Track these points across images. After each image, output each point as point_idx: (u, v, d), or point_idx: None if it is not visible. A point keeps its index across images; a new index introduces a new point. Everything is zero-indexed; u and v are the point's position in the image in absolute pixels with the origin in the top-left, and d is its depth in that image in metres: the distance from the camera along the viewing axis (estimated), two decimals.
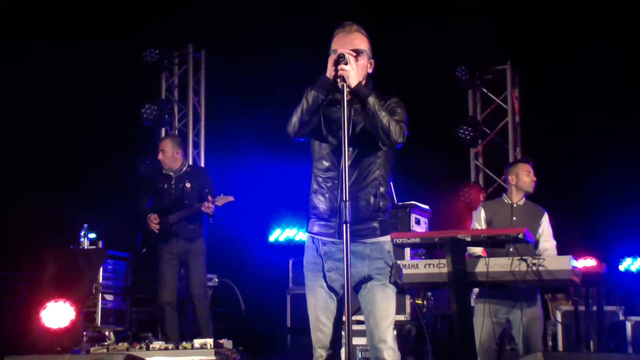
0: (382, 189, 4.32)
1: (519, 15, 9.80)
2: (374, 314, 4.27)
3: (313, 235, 4.39)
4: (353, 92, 4.14)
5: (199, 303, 8.21)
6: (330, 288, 4.33)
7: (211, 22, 10.53)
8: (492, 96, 10.60)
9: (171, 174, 8.40)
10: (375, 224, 4.31)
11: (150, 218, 8.25)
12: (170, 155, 8.37)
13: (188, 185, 8.28)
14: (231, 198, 8.09)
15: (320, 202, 4.34)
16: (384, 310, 4.28)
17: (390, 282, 4.28)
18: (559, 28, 9.81)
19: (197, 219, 8.26)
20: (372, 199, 4.28)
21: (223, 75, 10.90)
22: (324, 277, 4.33)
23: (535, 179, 6.86)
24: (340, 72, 4.10)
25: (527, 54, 10.06)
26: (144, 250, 8.51)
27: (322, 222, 4.34)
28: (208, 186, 8.31)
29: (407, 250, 7.46)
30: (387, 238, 4.37)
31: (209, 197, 8.04)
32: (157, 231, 8.22)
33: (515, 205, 6.79)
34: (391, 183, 4.49)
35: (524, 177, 6.83)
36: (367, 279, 4.29)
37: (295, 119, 4.23)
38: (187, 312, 8.79)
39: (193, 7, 10.49)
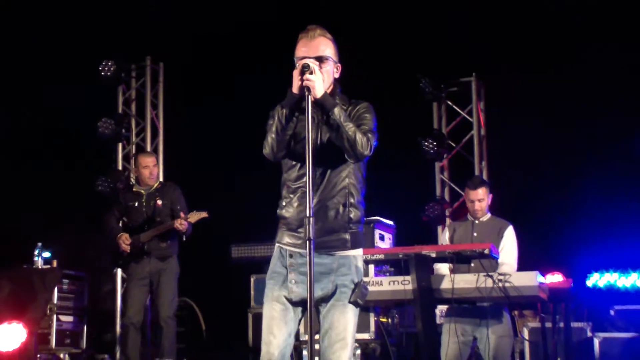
0: (352, 199, 4.14)
1: (483, 27, 9.73)
2: (330, 335, 4.08)
3: (281, 246, 4.21)
4: (318, 103, 3.98)
5: (166, 326, 7.97)
6: (290, 301, 4.13)
7: (170, 34, 10.35)
8: (458, 109, 10.50)
9: (142, 191, 8.22)
10: (346, 236, 4.12)
11: (122, 238, 8.04)
12: (154, 172, 8.28)
13: (159, 202, 8.11)
14: (204, 214, 7.90)
15: (289, 212, 4.18)
16: (339, 333, 4.06)
17: (349, 302, 4.08)
18: (525, 40, 9.76)
19: (170, 237, 8.06)
20: (341, 209, 4.10)
21: (182, 88, 10.69)
22: (286, 289, 4.14)
23: (481, 206, 6.66)
24: (305, 83, 3.94)
25: (493, 66, 9.98)
26: (115, 270, 8.38)
27: (291, 233, 4.17)
28: (180, 203, 8.14)
29: (371, 267, 7.31)
30: (358, 252, 4.18)
31: (182, 214, 7.88)
32: (128, 251, 8.02)
33: (477, 222, 6.68)
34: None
35: (468, 204, 6.73)
36: (330, 296, 4.10)
37: (271, 140, 4.08)
38: (146, 333, 8.57)
39: (151, 18, 10.29)
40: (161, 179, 9.77)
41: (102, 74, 10.13)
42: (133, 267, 8.09)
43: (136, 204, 8.17)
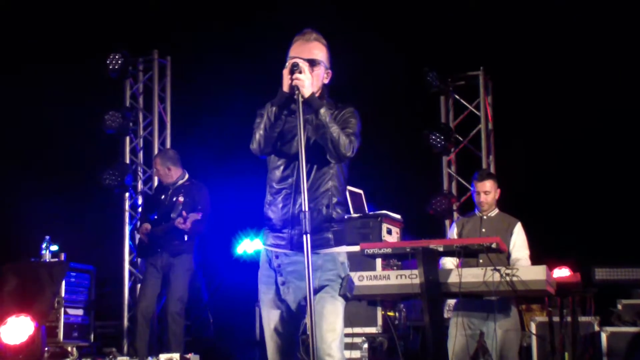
0: (334, 200, 4.24)
1: (491, 20, 9.71)
2: (321, 326, 4.13)
3: (267, 247, 4.32)
4: (306, 102, 4.07)
5: (172, 321, 8.03)
6: (284, 302, 4.25)
7: (177, 28, 10.36)
8: (465, 103, 10.48)
9: (169, 186, 8.40)
10: (329, 235, 4.22)
11: (142, 227, 8.29)
12: (162, 173, 8.44)
13: (181, 199, 8.24)
14: (197, 216, 8.00)
15: (273, 213, 4.27)
16: (331, 323, 4.15)
17: (339, 294, 4.18)
18: (533, 34, 9.74)
19: (183, 234, 8.13)
20: (324, 210, 4.20)
21: (190, 82, 10.69)
22: (277, 290, 4.25)
23: (487, 198, 6.68)
24: (294, 82, 4.05)
25: (500, 60, 9.96)
26: (138, 260, 8.92)
27: (275, 234, 4.26)
28: (201, 203, 8.22)
29: (379, 261, 7.31)
30: (342, 249, 4.28)
31: (183, 213, 7.96)
32: (145, 241, 8.21)
33: (485, 217, 6.69)
34: (347, 193, 4.36)
35: (474, 196, 6.73)
36: (318, 290, 4.17)
37: (258, 137, 4.18)
38: (153, 326, 8.60)
39: (158, 11, 10.30)
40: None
41: (110, 67, 10.13)
42: (149, 260, 8.29)
43: (162, 197, 8.41)
